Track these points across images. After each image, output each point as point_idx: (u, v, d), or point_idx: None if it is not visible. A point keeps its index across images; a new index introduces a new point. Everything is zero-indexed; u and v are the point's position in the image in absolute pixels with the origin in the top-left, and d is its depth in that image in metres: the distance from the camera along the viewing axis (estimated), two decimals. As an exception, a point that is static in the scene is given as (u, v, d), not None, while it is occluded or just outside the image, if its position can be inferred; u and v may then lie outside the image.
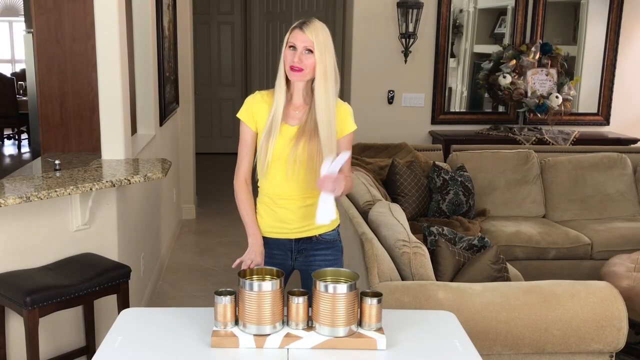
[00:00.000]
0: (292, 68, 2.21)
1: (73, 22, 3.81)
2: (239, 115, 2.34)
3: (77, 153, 3.84)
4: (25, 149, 9.49)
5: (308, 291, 1.97)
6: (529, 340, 2.48)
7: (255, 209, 2.43)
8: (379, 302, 1.92)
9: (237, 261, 2.23)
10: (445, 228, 3.23)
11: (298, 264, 2.42)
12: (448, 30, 5.61)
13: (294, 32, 2.22)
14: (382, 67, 5.60)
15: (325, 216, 2.20)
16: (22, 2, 10.45)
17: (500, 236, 4.10)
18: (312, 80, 2.25)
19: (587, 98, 5.94)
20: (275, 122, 2.26)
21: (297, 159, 2.27)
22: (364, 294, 1.94)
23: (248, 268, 2.13)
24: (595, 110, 5.93)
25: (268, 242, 2.40)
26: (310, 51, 2.20)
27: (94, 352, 2.94)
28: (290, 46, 2.22)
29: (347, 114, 2.34)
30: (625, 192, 4.66)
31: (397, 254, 2.70)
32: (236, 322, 1.95)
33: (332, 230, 2.41)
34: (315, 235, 2.38)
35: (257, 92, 2.37)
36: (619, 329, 2.50)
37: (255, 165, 2.36)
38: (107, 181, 2.93)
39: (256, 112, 2.31)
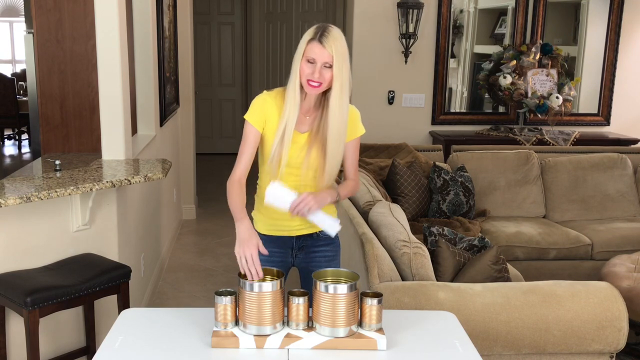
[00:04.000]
0: (309, 83, 2.15)
1: (73, 23, 3.81)
2: (247, 117, 2.25)
3: (77, 153, 3.84)
4: (25, 149, 9.49)
5: (308, 291, 1.97)
6: (530, 341, 2.48)
7: (254, 206, 2.43)
8: (380, 302, 1.92)
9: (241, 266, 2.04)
10: (445, 228, 3.23)
11: (298, 261, 2.42)
12: (448, 30, 5.61)
13: (313, 45, 2.13)
14: (382, 68, 5.60)
15: (330, 229, 2.26)
16: (23, 3, 10.45)
17: (500, 236, 4.10)
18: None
19: (587, 98, 5.94)
20: (289, 133, 2.20)
21: (310, 166, 2.27)
22: (364, 295, 1.94)
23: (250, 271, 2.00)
24: (595, 111, 5.93)
25: (269, 240, 2.39)
26: (330, 65, 2.13)
27: (94, 352, 2.94)
28: (308, 60, 2.14)
29: (357, 118, 2.33)
30: (626, 192, 4.67)
31: (397, 254, 2.70)
32: (236, 323, 1.95)
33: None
34: (316, 232, 2.39)
35: (264, 92, 2.30)
36: (620, 330, 2.50)
37: (255, 165, 2.35)
38: (107, 181, 2.93)
39: (268, 115, 2.25)
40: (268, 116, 2.25)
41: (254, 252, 2.01)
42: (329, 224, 2.25)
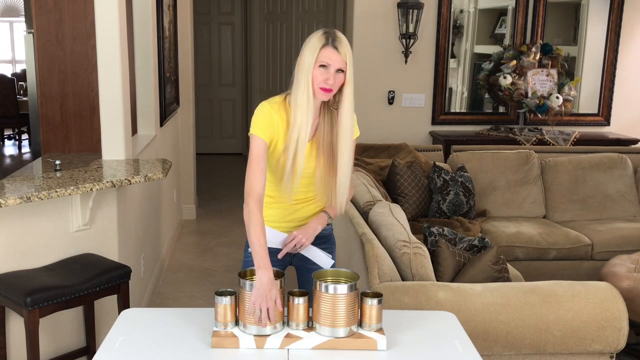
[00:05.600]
0: (322, 89, 2.11)
1: (73, 23, 3.81)
2: (256, 132, 2.15)
3: (77, 153, 3.84)
4: (25, 149, 9.49)
5: (308, 291, 1.97)
6: (530, 341, 2.48)
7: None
8: (380, 302, 1.92)
9: (253, 314, 1.92)
10: (445, 228, 3.23)
11: (296, 259, 2.41)
12: (448, 30, 5.61)
13: (326, 50, 2.09)
14: (382, 68, 5.60)
15: (322, 264, 2.32)
16: (23, 3, 10.45)
17: (500, 237, 4.10)
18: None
19: (587, 98, 5.94)
20: (304, 144, 2.15)
21: (322, 175, 2.25)
22: (364, 295, 1.94)
23: (260, 311, 1.90)
24: (595, 111, 5.93)
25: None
26: (342, 70, 2.11)
27: (94, 352, 2.94)
28: (322, 65, 2.10)
29: (354, 121, 2.32)
30: (626, 192, 4.67)
31: (397, 254, 2.70)
32: (236, 323, 1.95)
33: (327, 225, 2.42)
34: None
35: (265, 105, 2.20)
36: (620, 330, 2.50)
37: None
38: (107, 181, 2.93)
39: (275, 127, 2.19)
40: (275, 129, 2.19)
41: (271, 306, 1.91)
42: (322, 258, 2.32)
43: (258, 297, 1.91)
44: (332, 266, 2.38)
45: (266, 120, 2.17)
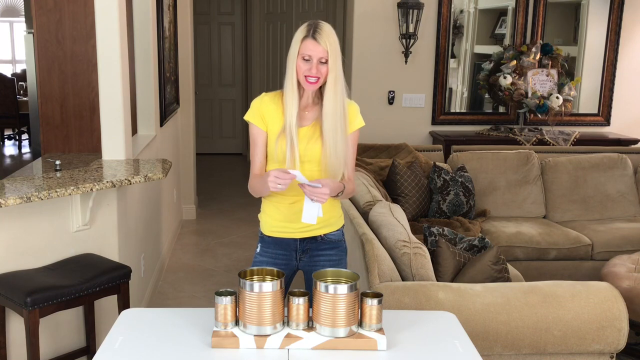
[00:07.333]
0: (307, 79, 2.18)
1: (73, 23, 3.81)
2: (246, 117, 2.32)
3: (77, 153, 3.84)
4: (25, 149, 9.49)
5: (309, 292, 1.97)
6: (530, 341, 2.48)
7: (260, 208, 2.43)
8: (380, 302, 1.92)
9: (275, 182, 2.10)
10: (445, 229, 3.23)
11: (302, 264, 2.42)
12: (448, 30, 5.61)
13: (307, 43, 2.17)
14: (382, 68, 5.60)
15: (309, 216, 2.24)
16: (23, 3, 10.45)
17: (500, 237, 4.10)
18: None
19: (587, 99, 5.94)
20: (293, 130, 2.21)
21: (326, 160, 2.27)
22: (364, 295, 1.94)
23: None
24: (595, 111, 5.93)
25: (273, 242, 2.40)
26: (325, 61, 2.17)
27: (94, 352, 2.94)
28: (304, 57, 2.17)
29: (356, 111, 2.34)
30: (626, 192, 4.67)
31: (397, 254, 2.70)
32: (236, 323, 1.95)
33: (337, 230, 2.41)
34: (320, 235, 2.38)
35: (263, 93, 2.35)
36: (620, 330, 2.50)
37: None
38: (107, 181, 2.93)
39: (266, 113, 2.29)
40: (265, 114, 2.28)
41: (276, 172, 2.08)
42: (313, 213, 2.23)
43: (271, 182, 2.08)
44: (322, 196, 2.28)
45: (255, 107, 2.31)
